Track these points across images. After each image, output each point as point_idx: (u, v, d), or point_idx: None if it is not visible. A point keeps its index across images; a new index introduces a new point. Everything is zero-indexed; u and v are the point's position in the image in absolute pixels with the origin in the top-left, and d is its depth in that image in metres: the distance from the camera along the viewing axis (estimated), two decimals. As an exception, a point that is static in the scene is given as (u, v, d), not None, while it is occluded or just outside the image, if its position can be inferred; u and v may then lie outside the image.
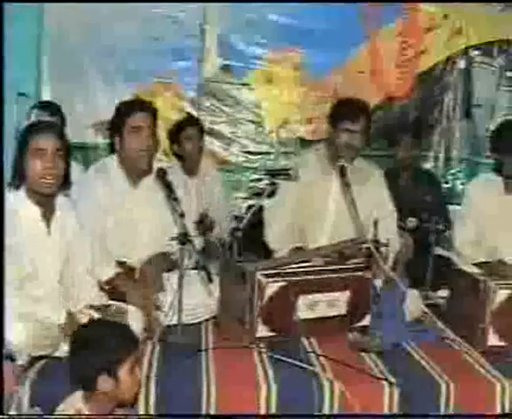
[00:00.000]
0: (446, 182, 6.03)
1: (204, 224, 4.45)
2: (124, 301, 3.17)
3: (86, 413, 2.26)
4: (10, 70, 3.65)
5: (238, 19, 5.51)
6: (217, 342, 3.18)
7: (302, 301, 3.15)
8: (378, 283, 3.32)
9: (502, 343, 3.19)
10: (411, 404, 2.83)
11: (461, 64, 5.95)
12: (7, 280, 2.60)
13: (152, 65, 5.41)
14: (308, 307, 3.17)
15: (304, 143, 5.59)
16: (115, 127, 3.46)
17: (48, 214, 2.92)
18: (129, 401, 2.40)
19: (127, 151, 3.42)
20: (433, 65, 5.92)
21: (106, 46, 5.32)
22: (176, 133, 4.79)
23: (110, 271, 3.27)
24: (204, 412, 2.71)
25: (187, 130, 4.74)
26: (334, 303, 3.23)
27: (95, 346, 2.29)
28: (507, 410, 2.89)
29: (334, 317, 3.25)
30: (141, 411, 2.65)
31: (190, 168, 4.78)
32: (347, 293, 3.24)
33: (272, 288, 3.07)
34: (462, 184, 5.95)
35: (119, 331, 2.37)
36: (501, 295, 3.15)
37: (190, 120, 4.92)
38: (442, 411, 2.86)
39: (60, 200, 2.99)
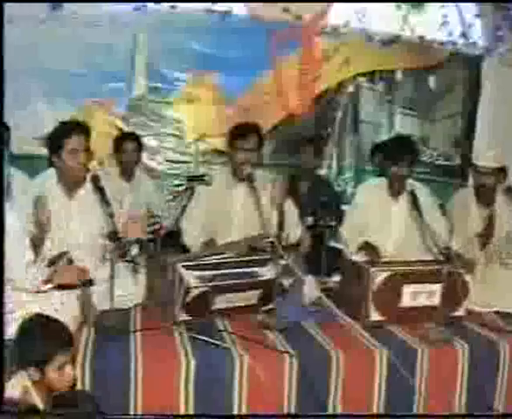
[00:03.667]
0: (339, 186, 6.11)
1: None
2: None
3: (33, 392, 2.18)
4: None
5: (164, 47, 5.45)
6: (144, 325, 3.15)
7: (219, 299, 3.14)
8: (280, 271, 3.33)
9: (382, 318, 3.29)
10: (308, 372, 2.87)
11: (350, 88, 6.09)
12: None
13: (89, 86, 5.27)
14: (225, 301, 3.17)
15: (221, 153, 5.58)
16: (54, 146, 3.32)
17: None
18: (62, 390, 2.27)
19: (65, 167, 3.32)
20: (327, 89, 6.02)
21: (48, 70, 5.15)
22: (118, 144, 4.87)
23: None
24: (132, 383, 2.69)
25: (126, 143, 4.84)
26: (246, 298, 3.24)
27: (29, 341, 2.22)
28: (384, 373, 2.99)
29: (246, 306, 3.26)
30: (79, 386, 2.60)
31: (127, 175, 4.88)
32: (258, 292, 3.25)
33: (193, 282, 3.04)
34: (351, 187, 6.08)
35: (51, 330, 2.27)
36: (380, 279, 3.24)
37: (130, 135, 4.98)
38: (333, 377, 2.92)
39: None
